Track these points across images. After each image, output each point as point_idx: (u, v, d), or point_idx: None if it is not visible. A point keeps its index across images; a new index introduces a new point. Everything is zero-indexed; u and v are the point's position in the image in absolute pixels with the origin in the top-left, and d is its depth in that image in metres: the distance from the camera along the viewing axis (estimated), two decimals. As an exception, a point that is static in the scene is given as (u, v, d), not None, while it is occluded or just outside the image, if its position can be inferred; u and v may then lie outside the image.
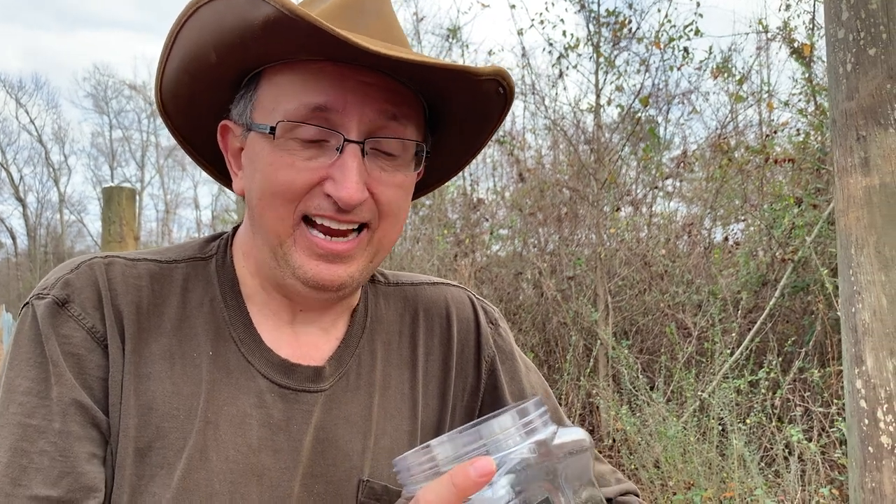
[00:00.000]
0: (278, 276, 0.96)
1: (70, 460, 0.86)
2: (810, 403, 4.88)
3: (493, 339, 1.17)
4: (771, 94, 6.23)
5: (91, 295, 0.93)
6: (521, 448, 0.67)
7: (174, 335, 0.96)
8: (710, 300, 5.94)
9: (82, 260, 0.97)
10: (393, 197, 0.94)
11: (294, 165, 0.89)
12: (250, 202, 0.95)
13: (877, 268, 0.82)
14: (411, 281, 1.17)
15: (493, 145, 8.44)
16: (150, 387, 0.92)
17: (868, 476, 0.83)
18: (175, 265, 1.01)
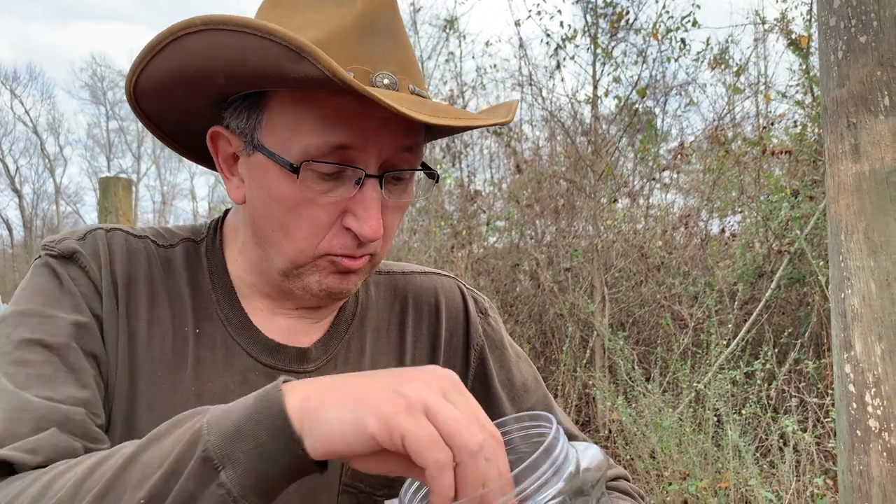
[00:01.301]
0: (284, 287, 0.98)
1: (74, 373, 0.87)
2: (805, 394, 4.90)
3: (483, 328, 1.17)
4: (768, 85, 6.24)
5: (94, 259, 0.96)
6: (556, 489, 0.66)
7: (166, 307, 0.98)
8: (707, 292, 5.96)
9: (87, 229, 1.00)
10: (395, 220, 0.96)
11: (316, 202, 0.89)
12: (262, 225, 0.95)
13: (866, 253, 0.83)
14: (402, 270, 1.18)
15: (490, 136, 8.43)
16: (137, 350, 0.95)
17: (856, 459, 0.84)
18: (171, 248, 1.03)
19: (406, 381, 0.66)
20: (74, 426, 0.82)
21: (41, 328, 0.88)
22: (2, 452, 0.75)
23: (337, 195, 0.90)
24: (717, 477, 4.46)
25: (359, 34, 0.88)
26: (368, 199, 0.89)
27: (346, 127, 0.87)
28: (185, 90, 0.92)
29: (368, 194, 0.89)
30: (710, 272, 6.22)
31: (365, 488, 1.01)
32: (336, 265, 0.93)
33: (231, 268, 1.03)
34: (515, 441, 0.79)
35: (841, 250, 0.88)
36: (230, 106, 0.93)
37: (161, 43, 0.86)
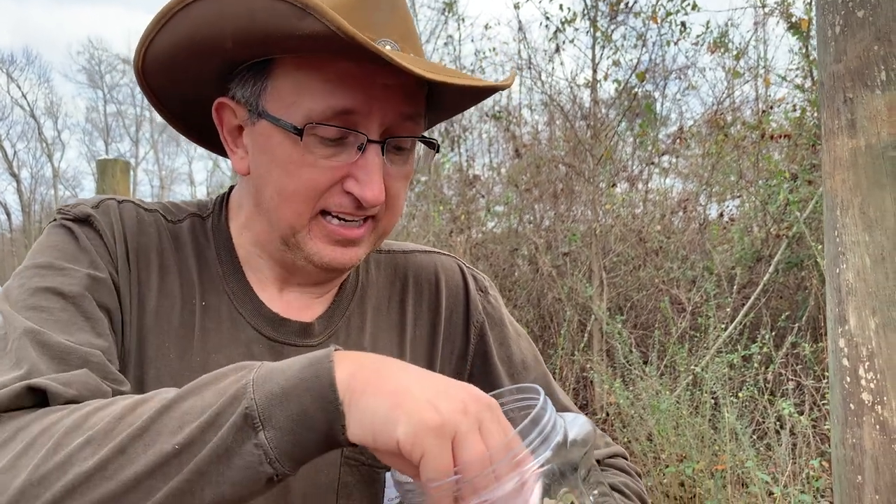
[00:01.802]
0: (287, 259, 0.99)
1: (91, 321, 0.88)
2: (802, 378, 4.92)
3: (483, 305, 1.18)
4: (768, 69, 6.22)
5: (107, 226, 0.97)
6: (543, 458, 0.67)
7: (175, 278, 0.99)
8: (705, 276, 5.97)
9: (99, 199, 1.01)
10: (399, 189, 0.97)
11: (317, 165, 0.90)
12: (262, 191, 0.96)
13: (861, 228, 0.84)
14: (402, 249, 1.19)
15: (489, 121, 8.41)
16: (146, 319, 0.96)
17: (849, 432, 0.85)
18: (179, 223, 1.04)
19: (448, 396, 0.66)
20: (96, 368, 0.82)
21: (57, 279, 0.89)
22: (39, 381, 0.75)
23: (339, 160, 0.91)
24: (713, 459, 4.49)
25: (361, 4, 0.89)
26: (370, 163, 0.90)
27: (349, 91, 0.88)
28: (192, 60, 0.93)
29: (370, 159, 0.90)
30: (708, 256, 6.23)
31: (366, 461, 1.03)
32: (332, 234, 0.94)
33: (236, 242, 1.04)
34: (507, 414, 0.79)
35: (836, 226, 0.88)
36: (236, 77, 0.95)
37: (170, 12, 0.87)
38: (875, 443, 0.82)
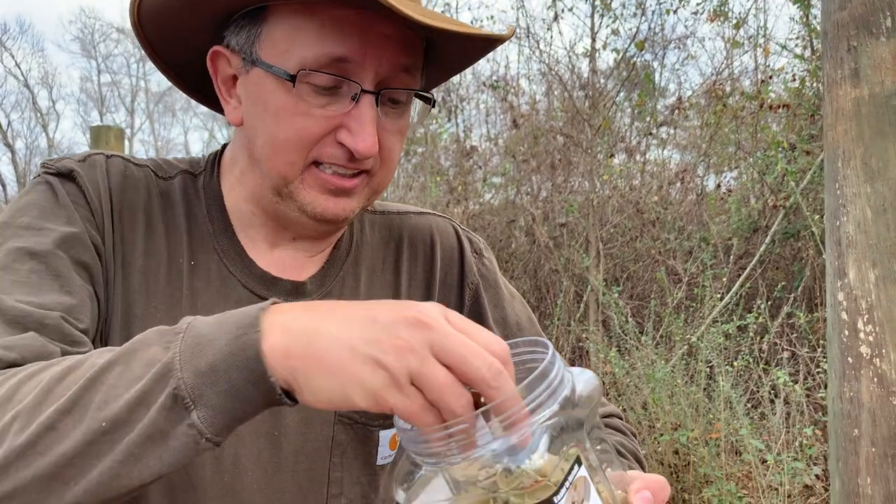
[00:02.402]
0: (280, 210, 0.97)
1: (60, 280, 0.86)
2: (797, 347, 4.95)
3: (477, 267, 1.18)
4: (768, 38, 6.16)
5: (91, 182, 0.95)
6: (551, 411, 0.65)
7: (162, 238, 0.97)
8: (702, 247, 5.97)
9: (87, 153, 0.99)
10: (394, 144, 0.95)
11: (309, 113, 0.88)
12: (255, 139, 0.94)
13: (863, 179, 0.82)
14: (397, 210, 1.17)
15: (487, 91, 8.34)
16: (137, 278, 0.94)
17: (846, 386, 0.84)
18: (170, 180, 1.02)
19: (387, 340, 0.62)
20: (51, 330, 0.80)
21: (30, 238, 0.88)
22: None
23: (332, 110, 0.89)
24: (707, 428, 4.52)
25: None
26: (364, 114, 0.88)
27: (344, 39, 0.86)
28: (187, 8, 0.91)
29: (364, 110, 0.88)
30: (705, 227, 6.23)
31: (360, 419, 1.02)
32: (325, 183, 0.92)
33: (228, 199, 1.02)
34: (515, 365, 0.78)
35: (837, 177, 0.87)
36: (231, 24, 0.93)
37: None
38: (873, 396, 0.82)
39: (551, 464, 0.64)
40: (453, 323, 0.63)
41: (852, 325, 0.84)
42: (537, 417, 0.64)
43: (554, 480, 0.63)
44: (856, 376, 0.84)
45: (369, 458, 1.03)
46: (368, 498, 1.04)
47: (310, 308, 0.66)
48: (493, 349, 0.63)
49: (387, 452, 1.05)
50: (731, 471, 4.24)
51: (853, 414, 0.84)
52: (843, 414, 0.88)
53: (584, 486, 0.66)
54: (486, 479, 0.66)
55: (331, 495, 1.00)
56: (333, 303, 0.67)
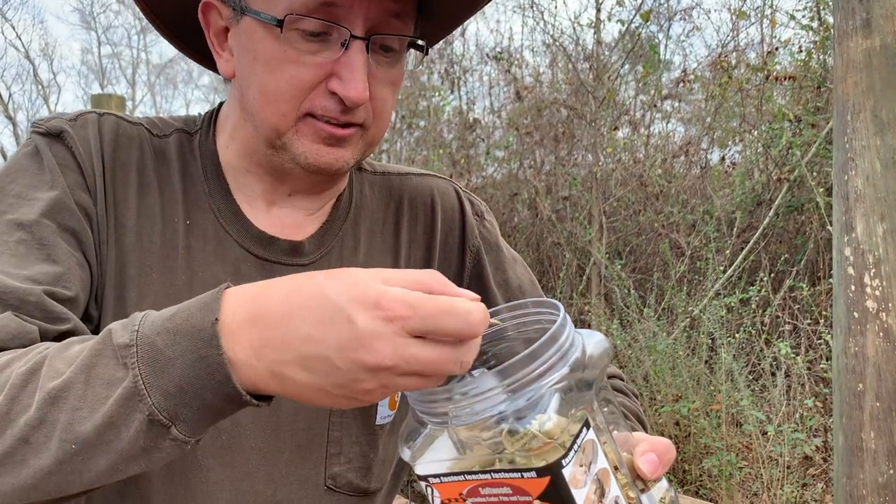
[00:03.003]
0: (275, 162, 0.96)
1: (46, 248, 0.86)
2: (799, 321, 4.95)
3: (479, 230, 1.17)
4: (774, 9, 6.08)
5: (83, 142, 0.93)
6: (560, 374, 0.65)
7: (156, 196, 0.96)
8: (705, 220, 5.95)
9: (79, 112, 0.98)
10: (386, 95, 0.93)
11: (299, 60, 0.87)
12: (247, 91, 0.93)
13: (872, 132, 0.81)
14: (398, 171, 1.16)
15: (490, 63, 8.27)
16: (126, 238, 0.93)
17: (852, 341, 0.84)
18: (165, 138, 1.01)
19: (355, 387, 0.60)
20: (32, 307, 0.79)
21: (19, 209, 0.87)
22: None
23: (322, 57, 0.87)
24: (708, 399, 4.54)
25: None
26: (353, 61, 0.87)
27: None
28: None
29: (354, 57, 0.87)
30: (708, 201, 6.20)
31: None
32: (319, 132, 0.91)
33: (223, 157, 1.01)
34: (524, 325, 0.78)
35: (846, 131, 0.86)
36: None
37: None
38: (878, 350, 0.81)
39: (559, 426, 0.63)
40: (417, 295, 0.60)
41: (859, 280, 0.83)
42: (546, 380, 0.64)
43: (561, 442, 0.63)
44: (861, 331, 0.83)
45: (368, 417, 1.03)
46: (367, 457, 1.03)
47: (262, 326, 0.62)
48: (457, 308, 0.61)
49: (386, 412, 1.05)
50: (731, 442, 4.26)
51: (858, 369, 0.84)
52: (847, 369, 0.87)
53: (592, 449, 0.66)
54: (491, 440, 0.65)
55: (329, 454, 1.00)
56: (280, 323, 0.61)
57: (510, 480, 0.65)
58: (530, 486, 0.64)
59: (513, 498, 0.66)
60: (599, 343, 0.72)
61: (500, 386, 0.64)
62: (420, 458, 0.71)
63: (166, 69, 22.25)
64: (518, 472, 0.64)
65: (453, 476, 0.69)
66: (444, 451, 0.70)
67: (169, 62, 21.94)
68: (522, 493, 0.65)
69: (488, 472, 0.66)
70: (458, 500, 0.69)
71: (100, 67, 21.39)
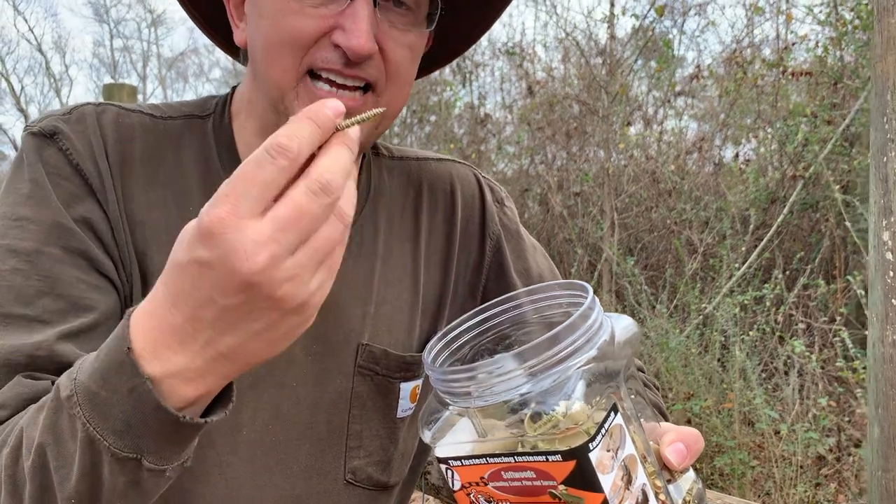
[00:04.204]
0: None
1: (49, 281, 0.81)
2: (813, 319, 4.90)
3: (499, 217, 1.14)
4: (790, 3, 6.02)
5: (81, 138, 0.89)
6: (587, 356, 0.63)
7: (169, 187, 0.93)
8: (718, 216, 5.90)
9: (74, 105, 0.94)
10: (402, 57, 0.88)
11: (302, 12, 0.83)
12: (253, 53, 0.90)
13: (914, 111, 0.78)
14: (416, 156, 1.13)
15: (502, 57, 8.23)
16: (145, 234, 0.89)
17: (889, 329, 0.81)
18: (171, 121, 0.97)
19: (220, 262, 0.56)
20: (42, 361, 0.77)
21: (11, 233, 0.83)
22: None
23: (327, 10, 0.84)
24: (721, 398, 4.50)
25: None
26: (358, 11, 0.83)
27: None
28: None
29: (358, 7, 0.83)
30: (722, 198, 6.15)
31: (381, 371, 0.99)
32: (318, 96, 0.86)
33: (239, 138, 0.98)
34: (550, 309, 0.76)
35: (886, 111, 0.82)
36: None
37: None
38: (918, 338, 0.78)
39: (585, 410, 0.61)
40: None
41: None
42: (572, 362, 0.62)
43: (587, 427, 0.61)
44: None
45: (389, 410, 1.00)
46: (387, 451, 1.01)
47: (167, 326, 0.60)
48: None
49: (407, 405, 1.03)
50: (743, 440, 4.22)
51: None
52: (884, 358, 0.84)
53: (620, 434, 0.64)
54: (513, 423, 0.63)
55: (349, 448, 0.98)
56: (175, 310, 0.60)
57: (534, 464, 0.63)
58: (555, 469, 0.62)
59: (536, 482, 0.64)
60: (628, 328, 0.70)
61: (524, 367, 0.62)
62: (441, 440, 0.70)
63: (177, 62, 22.31)
64: (543, 456, 0.62)
65: (475, 459, 0.67)
66: (465, 434, 0.68)
67: (180, 56, 22.00)
68: (546, 478, 0.63)
69: (511, 456, 0.64)
70: (478, 485, 0.68)
71: (112, 60, 21.47)
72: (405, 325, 1.03)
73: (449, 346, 0.75)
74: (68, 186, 0.87)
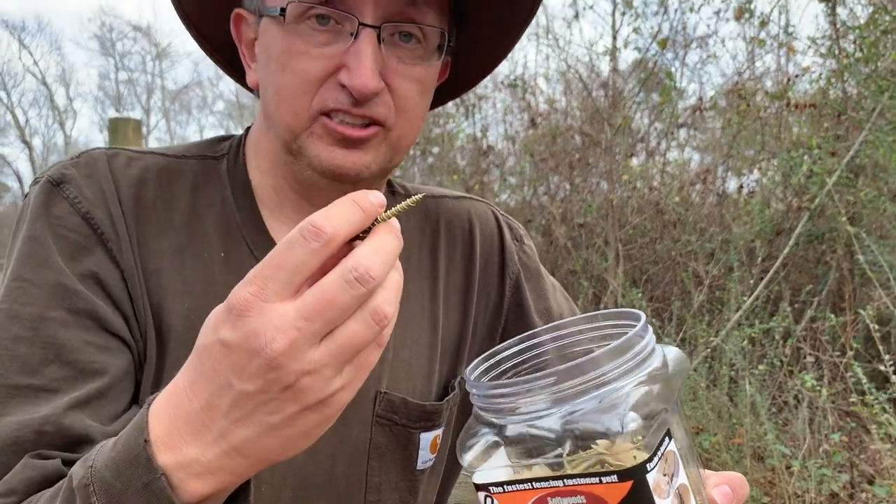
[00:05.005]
0: (295, 171, 0.90)
1: (54, 347, 0.77)
2: (821, 352, 4.85)
3: (518, 255, 1.12)
4: (792, 36, 6.06)
5: (91, 184, 0.86)
6: (638, 379, 0.61)
7: (183, 232, 0.89)
8: (724, 248, 5.88)
9: (84, 150, 0.91)
10: (410, 91, 0.87)
11: (308, 52, 0.82)
12: (265, 94, 0.89)
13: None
14: (433, 193, 1.11)
15: (505, 90, 8.27)
16: (159, 283, 0.86)
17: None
18: (185, 160, 0.95)
19: (242, 346, 0.53)
20: (51, 437, 0.73)
21: (13, 295, 0.80)
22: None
23: (331, 49, 0.83)
24: (730, 433, 4.43)
25: None
26: (361, 49, 0.82)
27: None
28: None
29: (362, 45, 0.82)
30: (727, 229, 6.13)
31: (400, 421, 0.96)
32: (332, 133, 0.85)
33: (254, 181, 0.95)
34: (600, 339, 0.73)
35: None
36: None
37: None
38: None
39: (640, 431, 0.59)
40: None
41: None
42: (624, 382, 0.60)
43: (642, 446, 0.58)
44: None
45: (409, 462, 0.97)
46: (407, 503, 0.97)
47: (183, 413, 0.57)
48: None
49: (427, 456, 0.99)
50: (754, 476, 4.14)
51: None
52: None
53: (674, 461, 0.61)
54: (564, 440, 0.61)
55: (368, 501, 0.94)
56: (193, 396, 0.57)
57: (585, 487, 0.59)
58: (609, 492, 0.59)
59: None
60: (678, 357, 0.69)
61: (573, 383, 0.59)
62: (480, 465, 0.66)
63: (181, 95, 22.54)
64: (596, 478, 0.59)
65: (518, 485, 0.63)
66: (507, 458, 0.64)
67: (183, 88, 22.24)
68: (598, 503, 0.59)
69: (560, 479, 0.60)
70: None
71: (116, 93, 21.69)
72: (424, 371, 1.00)
73: (491, 369, 0.72)
74: (74, 238, 0.83)
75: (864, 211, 5.24)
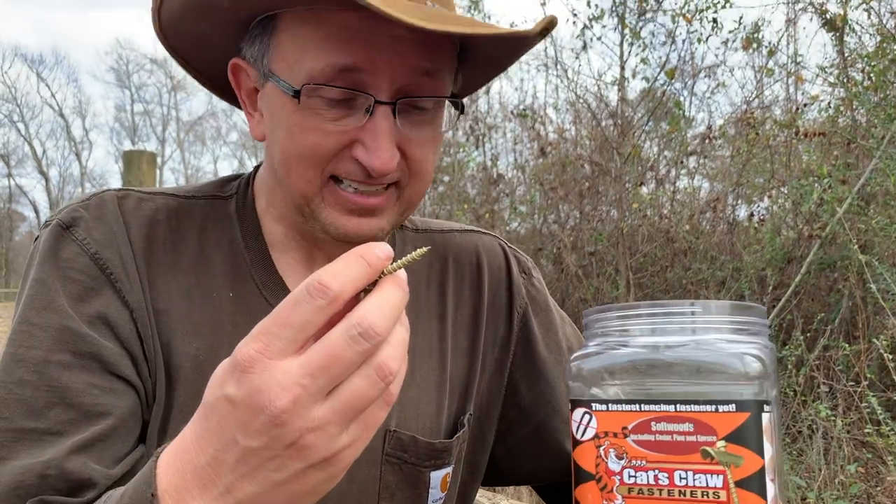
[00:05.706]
0: (307, 230, 0.91)
1: (58, 390, 0.78)
2: (835, 381, 4.79)
3: (526, 289, 1.12)
4: (800, 65, 6.08)
5: (101, 225, 0.87)
6: (766, 342, 0.63)
7: (192, 272, 0.90)
8: (735, 276, 5.85)
9: (94, 192, 0.92)
10: (425, 154, 0.88)
11: (321, 129, 0.82)
12: (272, 157, 0.89)
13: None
14: (440, 228, 1.12)
15: (514, 120, 8.32)
16: (168, 324, 0.87)
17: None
18: (194, 200, 0.96)
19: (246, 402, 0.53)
20: (54, 480, 0.74)
21: (18, 339, 0.81)
22: None
23: (346, 124, 0.82)
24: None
25: None
26: (378, 128, 0.81)
27: (350, 46, 0.79)
28: (201, 19, 0.87)
29: (379, 123, 0.81)
30: (738, 258, 6.11)
31: (409, 459, 0.95)
32: (346, 203, 0.85)
33: (264, 223, 0.96)
34: None
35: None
36: (246, 35, 0.88)
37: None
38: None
39: (760, 376, 0.61)
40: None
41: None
42: (755, 338, 0.63)
43: (761, 390, 0.60)
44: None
45: (419, 501, 0.97)
46: None
47: (191, 468, 0.57)
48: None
49: (438, 495, 0.99)
50: (769, 508, 4.08)
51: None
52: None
53: (773, 431, 0.62)
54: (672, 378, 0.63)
55: None
56: (199, 451, 0.57)
57: (697, 414, 0.59)
58: (721, 422, 0.59)
59: (690, 437, 0.60)
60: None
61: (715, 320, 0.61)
62: (588, 379, 0.65)
63: (195, 126, 22.78)
64: (713, 405, 0.59)
65: (625, 405, 0.63)
66: (620, 377, 0.64)
67: (198, 119, 22.49)
68: (707, 432, 0.59)
69: (672, 403, 0.60)
70: (616, 436, 0.63)
71: (132, 124, 21.96)
72: (433, 409, 1.00)
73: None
74: (82, 280, 0.84)
75: (875, 238, 5.22)
